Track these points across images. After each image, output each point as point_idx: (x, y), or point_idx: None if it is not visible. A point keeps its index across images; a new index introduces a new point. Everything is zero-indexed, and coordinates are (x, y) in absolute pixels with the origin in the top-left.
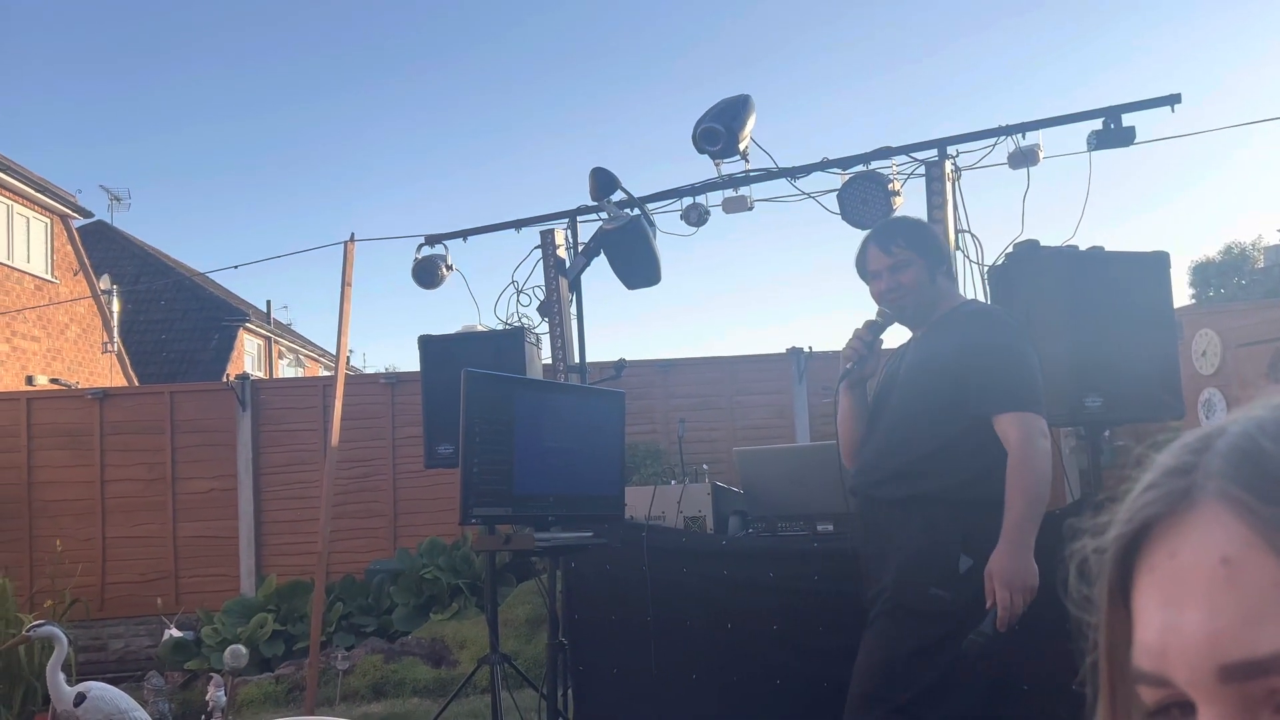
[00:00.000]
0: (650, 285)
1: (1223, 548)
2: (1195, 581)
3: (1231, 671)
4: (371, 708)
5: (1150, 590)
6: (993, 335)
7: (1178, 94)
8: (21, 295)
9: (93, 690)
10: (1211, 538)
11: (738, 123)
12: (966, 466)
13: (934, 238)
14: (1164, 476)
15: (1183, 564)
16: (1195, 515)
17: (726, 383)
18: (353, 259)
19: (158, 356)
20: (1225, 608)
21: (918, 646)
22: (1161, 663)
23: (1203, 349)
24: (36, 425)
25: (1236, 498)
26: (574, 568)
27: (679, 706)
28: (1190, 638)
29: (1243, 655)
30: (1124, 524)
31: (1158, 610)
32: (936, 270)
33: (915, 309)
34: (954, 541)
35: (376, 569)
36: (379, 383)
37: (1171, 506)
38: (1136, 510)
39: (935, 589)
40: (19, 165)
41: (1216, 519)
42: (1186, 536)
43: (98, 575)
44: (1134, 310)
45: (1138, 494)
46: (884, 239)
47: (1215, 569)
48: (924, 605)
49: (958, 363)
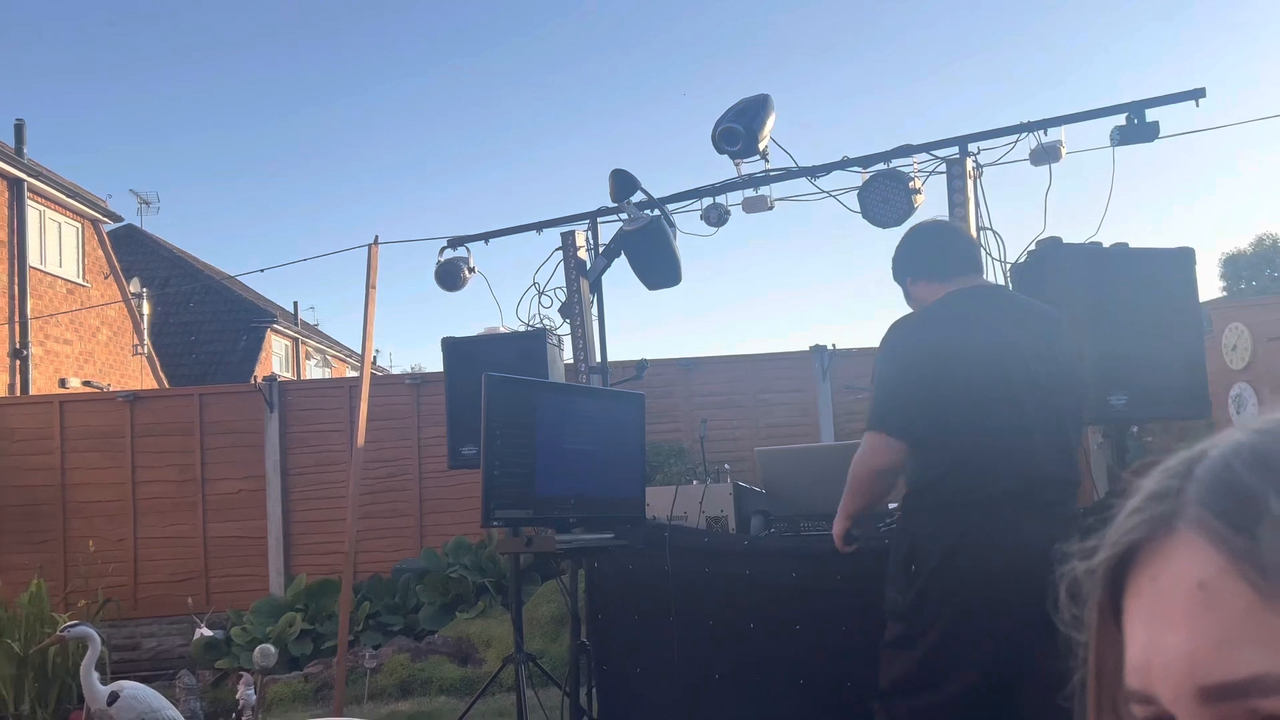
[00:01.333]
0: (671, 286)
1: (1199, 573)
2: (1175, 605)
3: (1210, 693)
4: (399, 706)
5: (1137, 612)
6: (879, 357)
7: (1202, 88)
8: (54, 300)
9: (126, 689)
10: (1189, 564)
11: (757, 123)
12: (917, 477)
13: (896, 258)
14: (1147, 502)
15: (1164, 588)
16: (1175, 541)
17: (749, 381)
18: (377, 261)
19: (187, 358)
20: (1203, 631)
21: (886, 643)
22: (1147, 682)
23: (1233, 343)
24: (69, 428)
25: (1211, 526)
26: (597, 568)
27: (702, 706)
28: (1171, 660)
29: (1220, 678)
30: (1110, 547)
31: (1142, 631)
32: (908, 286)
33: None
34: (904, 547)
35: (403, 568)
36: (404, 383)
37: (1153, 531)
38: (1122, 535)
39: (893, 592)
40: (50, 171)
41: (1194, 546)
42: (1167, 562)
43: (130, 575)
44: (1159, 307)
45: (1124, 518)
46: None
47: (1193, 593)
48: (889, 607)
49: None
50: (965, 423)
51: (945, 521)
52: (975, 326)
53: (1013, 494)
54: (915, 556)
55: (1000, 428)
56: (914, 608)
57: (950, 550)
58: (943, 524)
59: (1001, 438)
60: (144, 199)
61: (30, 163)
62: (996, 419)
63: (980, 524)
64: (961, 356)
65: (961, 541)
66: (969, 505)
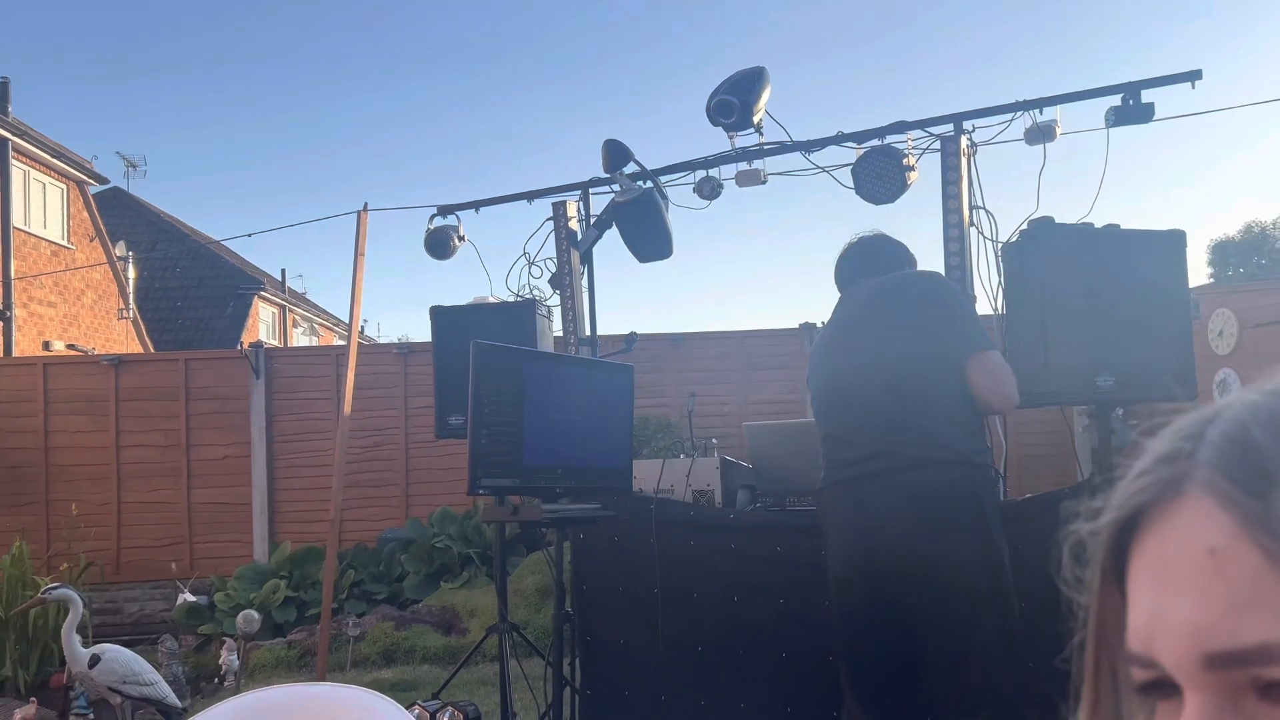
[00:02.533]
0: (662, 258)
1: (1209, 538)
2: (1183, 570)
3: (1215, 660)
4: (382, 674)
5: (1142, 575)
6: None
7: (1198, 70)
8: (38, 261)
9: (107, 652)
10: (1199, 528)
11: (752, 95)
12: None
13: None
14: (1156, 463)
15: (1171, 552)
16: (1184, 504)
17: (738, 357)
18: (366, 229)
19: (173, 324)
20: (1211, 598)
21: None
22: (1150, 646)
23: (1219, 329)
24: (53, 390)
25: (1223, 489)
26: (583, 539)
27: (685, 678)
28: (1177, 625)
29: (1226, 645)
30: (1116, 509)
31: (1148, 595)
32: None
33: None
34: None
35: (388, 537)
36: (392, 352)
37: (1162, 494)
38: (1129, 497)
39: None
40: (35, 131)
41: (1204, 509)
42: (1176, 525)
43: (113, 540)
44: (1149, 289)
45: (1131, 479)
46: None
47: (1202, 559)
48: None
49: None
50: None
51: (820, 494)
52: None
53: (830, 473)
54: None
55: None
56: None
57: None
58: (819, 496)
59: (824, 425)
60: (131, 161)
61: (15, 121)
62: (821, 408)
63: (828, 497)
64: (812, 361)
65: (822, 513)
66: (825, 480)
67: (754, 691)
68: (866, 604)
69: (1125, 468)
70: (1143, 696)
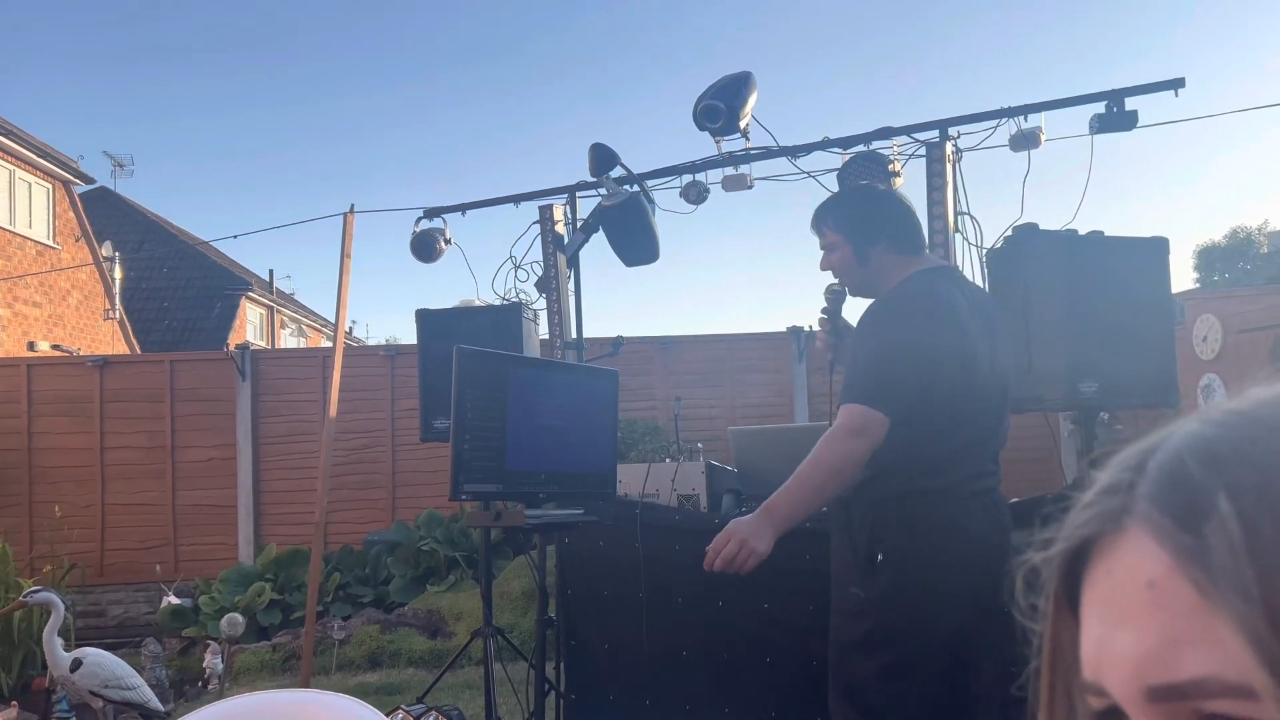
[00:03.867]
0: (648, 263)
1: (1148, 572)
2: (1126, 603)
3: (1156, 693)
4: (367, 677)
5: (1092, 605)
6: (879, 328)
7: (1181, 78)
8: (23, 261)
9: (89, 656)
10: (1139, 561)
11: (739, 100)
12: (872, 462)
13: (867, 215)
14: (1100, 495)
15: (1116, 583)
16: (1125, 538)
17: (726, 360)
18: (352, 230)
19: (160, 325)
20: (1150, 631)
21: (851, 644)
22: (1100, 676)
23: (1204, 334)
24: (37, 391)
25: (1158, 524)
26: (567, 544)
27: (669, 683)
28: (1121, 657)
29: (1165, 678)
30: (1065, 540)
31: (1097, 625)
32: (869, 249)
33: (855, 288)
34: (864, 538)
35: (374, 540)
36: (379, 355)
37: (1104, 527)
38: (1076, 528)
39: (854, 588)
40: (21, 130)
41: (1143, 543)
42: (1120, 557)
43: (97, 542)
44: (1132, 295)
45: (1078, 511)
46: (816, 219)
47: (1142, 592)
48: (849, 605)
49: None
50: (938, 413)
51: (908, 510)
52: (966, 320)
53: (965, 483)
54: (880, 545)
55: (970, 419)
56: (882, 600)
57: (917, 539)
58: (905, 512)
59: (967, 429)
60: (118, 161)
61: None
62: (971, 410)
63: (940, 512)
64: (953, 346)
65: (927, 530)
66: (927, 493)
67: (738, 696)
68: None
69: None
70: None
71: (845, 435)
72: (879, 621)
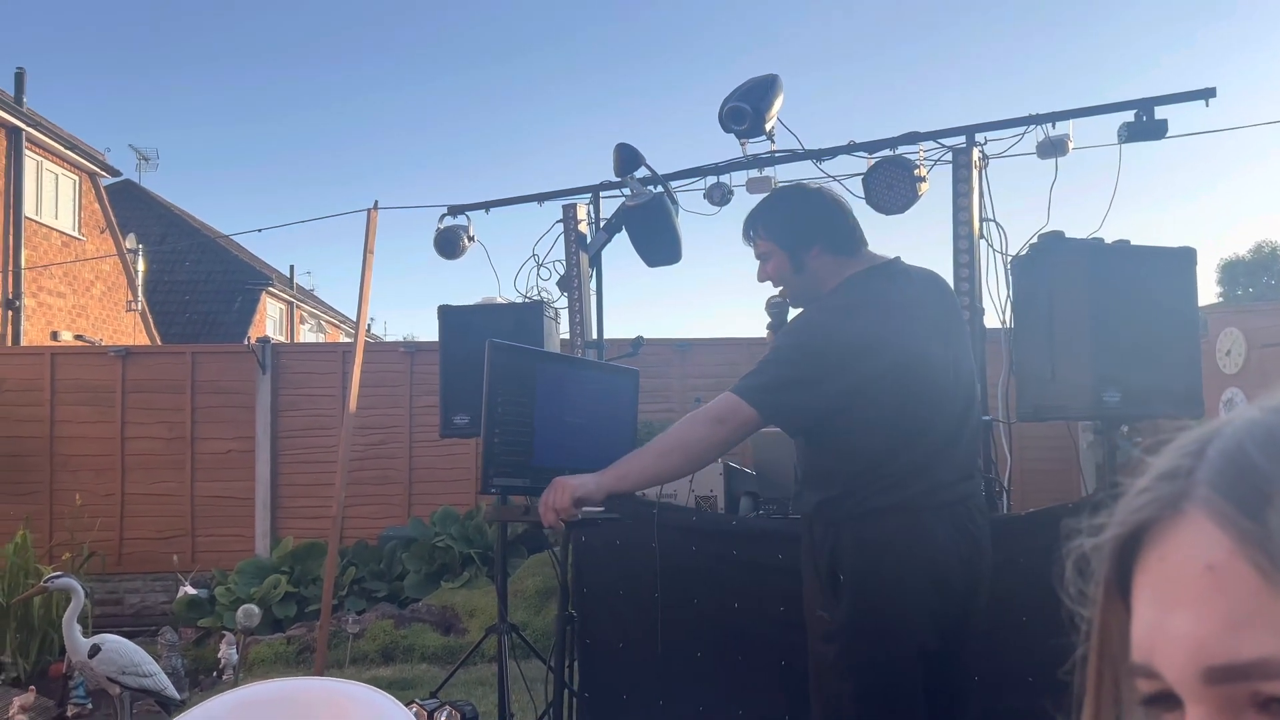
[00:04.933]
0: (671, 264)
1: (1208, 555)
2: (1183, 586)
3: (1215, 674)
4: (380, 671)
5: (1144, 590)
6: (790, 329)
7: (1212, 88)
8: (49, 251)
9: (107, 642)
10: (1198, 545)
11: (765, 103)
12: (830, 482)
13: (798, 219)
14: (1158, 480)
15: (1172, 568)
16: (1183, 522)
17: (745, 364)
18: (375, 227)
19: (181, 317)
20: (1210, 613)
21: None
22: (1152, 659)
23: (1227, 348)
24: (60, 380)
25: (1220, 509)
26: (584, 541)
27: (684, 683)
28: (1177, 640)
29: (1225, 659)
30: (1119, 525)
31: (1150, 609)
32: (804, 255)
33: (794, 298)
34: (825, 560)
35: (390, 535)
36: (398, 351)
37: (1162, 511)
38: (1131, 513)
39: (820, 610)
40: (50, 122)
41: (1202, 528)
42: (1176, 542)
43: (116, 530)
44: (1157, 306)
45: (1134, 495)
46: (745, 230)
47: (1201, 575)
48: (817, 627)
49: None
50: (888, 425)
51: (865, 528)
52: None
53: (923, 496)
54: (840, 567)
55: (923, 430)
56: (846, 623)
57: (874, 559)
58: (863, 531)
59: (923, 440)
60: (143, 155)
61: (29, 112)
62: (920, 419)
63: (896, 530)
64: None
65: (884, 549)
66: (883, 511)
67: (752, 698)
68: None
69: (1129, 484)
70: (1147, 709)
71: (708, 419)
72: (846, 645)
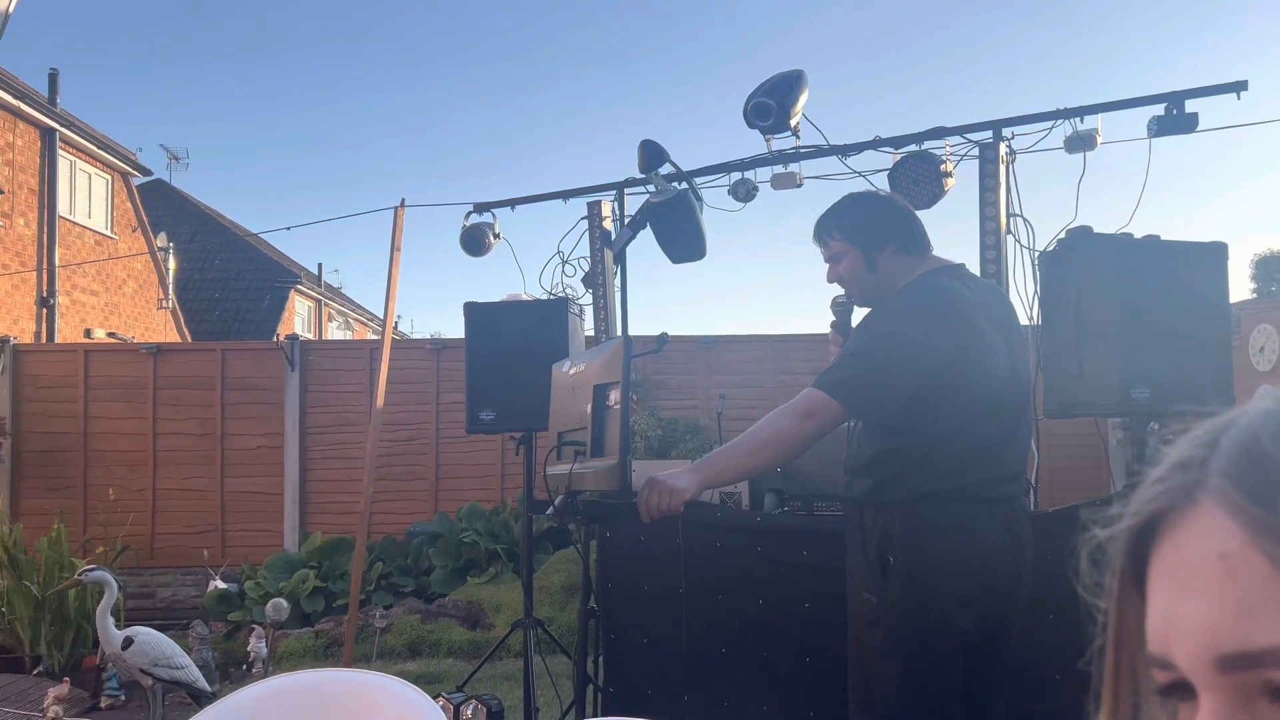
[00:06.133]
0: (695, 260)
1: (1220, 544)
2: (1196, 575)
3: (1228, 662)
4: (407, 666)
5: (1159, 579)
6: (874, 322)
7: (1244, 81)
8: (82, 250)
9: (140, 635)
10: (1211, 534)
11: (790, 98)
12: (886, 467)
13: (873, 220)
14: (1171, 470)
15: (1185, 557)
16: (1197, 511)
17: (770, 361)
18: (402, 224)
19: (211, 315)
20: (1222, 601)
21: (870, 651)
22: (1167, 648)
23: (1260, 344)
24: (93, 377)
25: (1233, 498)
26: (609, 537)
27: (708, 680)
28: (1190, 628)
29: (1238, 647)
30: (1133, 515)
31: (1164, 599)
32: (878, 254)
33: (863, 298)
34: (875, 543)
35: (416, 531)
36: (425, 348)
37: (1175, 501)
38: (1146, 503)
39: (866, 593)
40: (82, 122)
41: (1215, 517)
42: (1189, 531)
43: (148, 525)
44: (1188, 301)
45: (1147, 486)
46: (819, 230)
47: (1214, 563)
48: (863, 612)
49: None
50: (962, 407)
51: (918, 512)
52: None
53: (974, 488)
54: (891, 549)
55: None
56: (894, 605)
57: (926, 542)
58: (915, 514)
59: (979, 433)
60: (174, 154)
61: (63, 113)
62: (988, 408)
63: (948, 516)
64: (958, 346)
65: (935, 533)
66: (936, 496)
67: (777, 695)
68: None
69: (1145, 474)
70: (1164, 699)
71: (796, 414)
72: (892, 628)
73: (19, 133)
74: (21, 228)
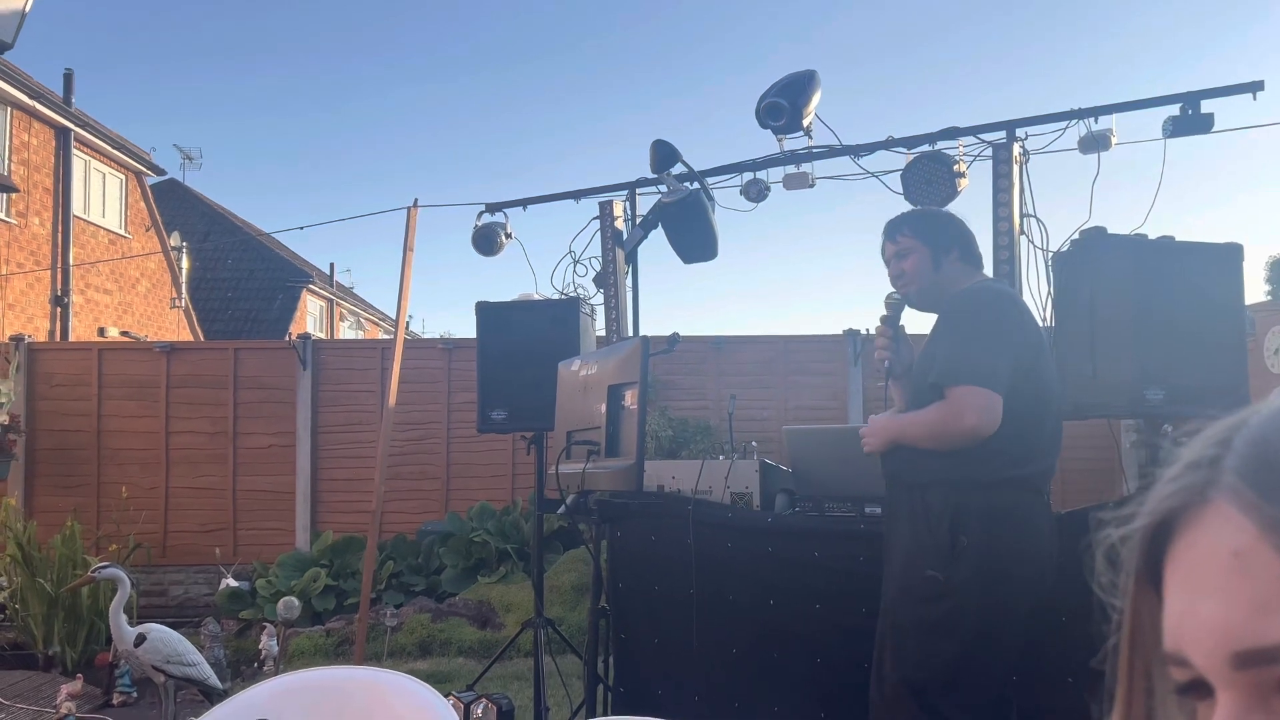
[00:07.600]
0: (707, 260)
1: (1234, 542)
2: (1210, 573)
3: (1243, 659)
4: (417, 665)
5: (1174, 578)
6: (963, 312)
7: (1260, 81)
8: (96, 249)
9: (153, 632)
10: (1224, 532)
11: (802, 98)
12: (962, 452)
13: (943, 225)
14: (1185, 470)
15: (1199, 555)
16: (1211, 510)
17: (780, 362)
18: (415, 224)
19: (224, 314)
20: (1237, 598)
21: (925, 626)
22: (1181, 646)
23: (1275, 347)
24: (107, 375)
25: (1245, 496)
26: (619, 537)
27: (719, 680)
28: (1205, 626)
29: (1253, 644)
30: (1148, 515)
31: (1179, 597)
32: (943, 256)
33: (919, 295)
34: (945, 522)
35: (427, 530)
36: (436, 348)
37: (1189, 500)
38: (1160, 502)
39: (930, 570)
40: (97, 121)
41: (1228, 515)
42: (1203, 530)
43: (160, 523)
44: (1202, 303)
45: (1161, 485)
46: (891, 228)
47: (1228, 561)
48: (923, 588)
49: (933, 342)
50: (1034, 401)
51: (995, 496)
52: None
53: (1038, 477)
54: (964, 528)
55: (1043, 419)
56: (965, 584)
57: (1001, 526)
58: (992, 498)
59: (1043, 427)
60: (187, 154)
61: (77, 112)
62: (1049, 405)
63: (1020, 502)
64: (1035, 342)
65: (1009, 518)
66: (1011, 483)
67: (787, 696)
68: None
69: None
70: (1182, 697)
71: (975, 410)
72: (959, 604)
73: (34, 132)
74: (36, 227)
